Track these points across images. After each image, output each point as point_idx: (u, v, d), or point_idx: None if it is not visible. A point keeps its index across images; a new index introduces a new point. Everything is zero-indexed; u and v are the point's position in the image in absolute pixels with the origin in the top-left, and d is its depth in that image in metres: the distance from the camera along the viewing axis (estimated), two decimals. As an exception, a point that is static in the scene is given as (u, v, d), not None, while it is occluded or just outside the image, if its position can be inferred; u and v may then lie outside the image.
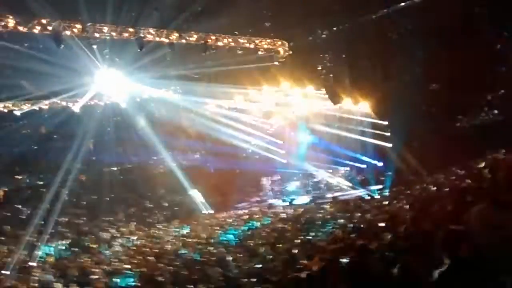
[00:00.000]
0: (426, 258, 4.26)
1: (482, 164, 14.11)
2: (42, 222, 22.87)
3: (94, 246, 21.39)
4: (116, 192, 30.71)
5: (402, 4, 19.32)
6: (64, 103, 23.78)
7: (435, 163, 21.07)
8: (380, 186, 23.61)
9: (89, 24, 15.16)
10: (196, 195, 30.38)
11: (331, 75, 22.65)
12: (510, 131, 18.87)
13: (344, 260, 6.63)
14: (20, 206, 26.29)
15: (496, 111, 22.58)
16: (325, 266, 6.64)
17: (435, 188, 15.41)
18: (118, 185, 31.66)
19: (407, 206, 12.54)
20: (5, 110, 22.64)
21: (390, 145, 23.93)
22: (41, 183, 29.50)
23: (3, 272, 16.53)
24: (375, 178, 24.71)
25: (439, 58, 20.74)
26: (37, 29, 14.08)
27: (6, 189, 27.55)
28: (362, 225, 13.10)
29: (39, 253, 19.71)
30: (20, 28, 13.75)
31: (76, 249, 21.10)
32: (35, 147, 28.96)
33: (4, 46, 14.19)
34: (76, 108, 23.67)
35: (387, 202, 18.43)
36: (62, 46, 14.31)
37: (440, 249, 4.00)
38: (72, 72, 17.97)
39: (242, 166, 29.71)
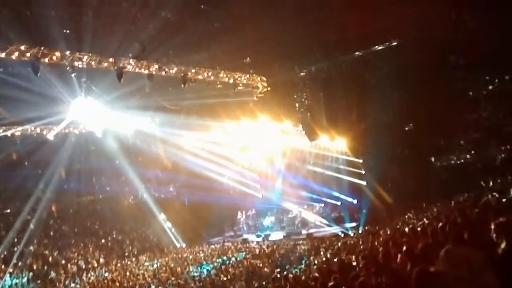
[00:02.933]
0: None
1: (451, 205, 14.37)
2: (5, 253, 22.16)
3: (62, 278, 20.71)
4: (87, 223, 30.03)
5: (379, 47, 19.95)
6: (38, 130, 23.40)
7: (407, 202, 21.38)
8: (354, 224, 23.65)
9: (68, 52, 15.05)
10: (169, 228, 29.92)
11: (309, 112, 22.99)
12: (480, 174, 19.44)
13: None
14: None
15: (467, 155, 23.24)
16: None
17: (407, 227, 15.51)
18: (89, 215, 31.02)
19: (379, 245, 12.57)
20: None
21: (365, 183, 24.16)
22: (9, 210, 28.65)
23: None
24: (350, 215, 24.76)
25: (414, 101, 21.39)
26: (14, 56, 13.89)
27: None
28: (335, 264, 13.03)
29: (3, 284, 18.99)
30: (-3, 54, 13.57)
31: (43, 282, 20.38)
32: (5, 174, 28.23)
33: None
34: (50, 135, 23.35)
35: (360, 241, 18.44)
36: (39, 73, 14.10)
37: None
38: (49, 100, 17.76)
39: (217, 199, 29.44)
